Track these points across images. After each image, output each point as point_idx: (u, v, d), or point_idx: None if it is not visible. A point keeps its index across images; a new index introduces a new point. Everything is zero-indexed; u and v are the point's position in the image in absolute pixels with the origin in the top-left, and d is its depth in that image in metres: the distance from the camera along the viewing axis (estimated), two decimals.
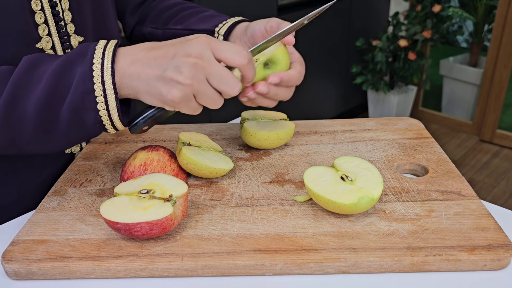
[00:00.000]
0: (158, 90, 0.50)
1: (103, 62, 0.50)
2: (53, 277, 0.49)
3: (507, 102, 2.93)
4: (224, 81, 0.50)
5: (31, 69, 0.51)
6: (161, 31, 0.80)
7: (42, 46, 0.62)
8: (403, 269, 0.48)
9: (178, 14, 0.79)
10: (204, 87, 0.50)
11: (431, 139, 0.72)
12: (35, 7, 0.59)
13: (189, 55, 0.49)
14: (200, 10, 0.79)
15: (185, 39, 0.51)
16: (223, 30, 0.71)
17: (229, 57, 0.51)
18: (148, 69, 0.50)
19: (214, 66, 0.50)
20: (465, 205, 0.56)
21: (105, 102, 0.50)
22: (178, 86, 0.49)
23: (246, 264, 0.48)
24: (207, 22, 0.75)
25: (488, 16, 2.65)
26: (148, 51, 0.51)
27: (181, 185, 0.53)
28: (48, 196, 0.61)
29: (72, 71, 0.50)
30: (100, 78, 0.49)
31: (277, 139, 0.68)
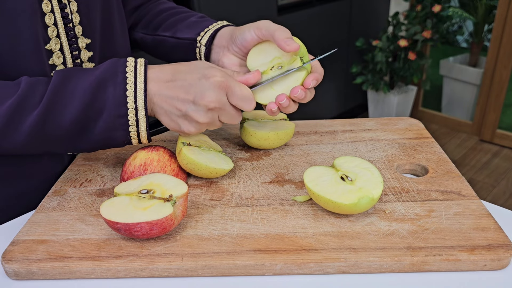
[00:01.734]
0: (177, 123, 0.58)
1: (136, 88, 0.55)
2: (53, 277, 0.49)
3: (507, 102, 2.93)
4: (232, 119, 0.59)
5: (63, 85, 0.54)
6: (150, 37, 0.80)
7: (51, 47, 0.62)
8: (403, 269, 0.48)
9: (167, 19, 0.78)
10: (216, 122, 0.59)
11: (431, 139, 0.72)
12: (45, 8, 0.60)
13: (207, 99, 0.55)
14: (188, 16, 0.77)
15: (203, 75, 0.56)
16: (204, 40, 0.70)
17: (239, 105, 0.58)
18: (171, 103, 0.56)
19: (227, 108, 0.57)
20: (465, 205, 0.56)
21: (136, 125, 0.56)
22: (196, 125, 0.57)
23: (246, 264, 0.48)
24: (192, 29, 0.74)
25: (488, 16, 2.65)
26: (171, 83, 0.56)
27: (181, 185, 0.53)
28: (48, 196, 0.61)
29: (105, 92, 0.54)
30: (134, 104, 0.55)
31: (277, 139, 0.68)
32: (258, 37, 0.64)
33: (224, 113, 0.58)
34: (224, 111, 0.57)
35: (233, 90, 0.57)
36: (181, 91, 0.56)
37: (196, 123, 0.57)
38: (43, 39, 0.61)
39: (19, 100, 0.53)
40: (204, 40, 0.71)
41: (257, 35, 0.64)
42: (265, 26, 0.63)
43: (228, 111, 0.58)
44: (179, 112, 0.56)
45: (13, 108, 0.52)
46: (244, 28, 0.66)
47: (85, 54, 0.67)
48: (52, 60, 0.63)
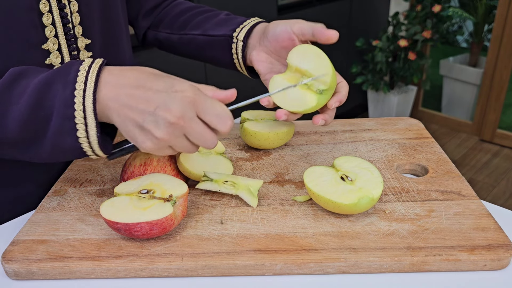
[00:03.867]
0: (134, 135, 0.49)
1: (85, 89, 0.48)
2: (53, 277, 0.49)
3: (507, 102, 2.93)
4: (202, 139, 0.50)
5: (14, 81, 0.50)
6: (177, 36, 0.79)
7: (48, 47, 0.62)
8: (403, 269, 0.48)
9: (194, 18, 0.78)
10: (180, 141, 0.50)
11: (431, 139, 0.72)
12: (43, 8, 0.59)
13: (171, 112, 0.47)
14: (216, 14, 0.78)
15: (171, 87, 0.49)
16: (242, 35, 0.70)
17: (213, 122, 0.50)
18: (128, 111, 0.48)
19: (194, 125, 0.49)
20: (465, 205, 0.56)
21: (85, 130, 0.49)
22: (153, 140, 0.49)
23: (246, 264, 0.48)
24: (224, 26, 0.73)
25: (488, 16, 2.65)
26: (132, 89, 0.49)
27: (181, 185, 0.53)
28: (48, 196, 0.61)
29: (54, 90, 0.49)
30: (82, 106, 0.48)
31: (277, 139, 0.68)
32: (292, 30, 0.63)
33: (191, 131, 0.49)
34: (191, 129, 0.49)
35: (205, 105, 0.49)
36: (142, 100, 0.48)
37: (152, 136, 0.48)
38: (40, 39, 0.60)
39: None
40: (242, 35, 0.70)
41: (292, 28, 0.63)
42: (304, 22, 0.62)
43: (196, 129, 0.49)
44: (135, 123, 0.48)
45: None
46: (278, 22, 0.66)
47: (84, 54, 0.67)
48: (49, 60, 0.62)
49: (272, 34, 0.65)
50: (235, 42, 0.71)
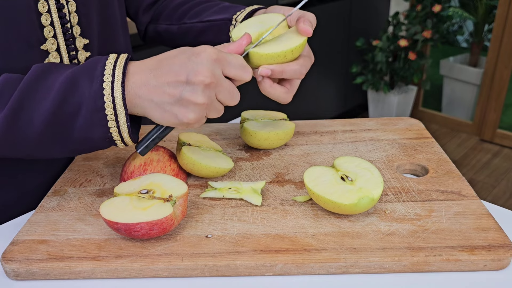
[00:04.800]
0: (173, 113, 0.50)
1: (113, 80, 0.50)
2: (53, 277, 0.49)
3: (508, 102, 2.93)
4: (230, 96, 0.52)
5: (40, 79, 0.51)
6: (176, 26, 0.79)
7: (47, 48, 0.61)
8: (403, 269, 0.48)
9: (193, 8, 0.78)
10: (215, 104, 0.52)
11: (431, 139, 0.72)
12: (41, 8, 0.59)
13: (202, 74, 0.49)
14: (216, 3, 0.78)
15: (191, 53, 0.50)
16: (241, 17, 0.70)
17: (237, 75, 0.52)
18: (162, 90, 0.49)
19: (223, 82, 0.51)
20: (465, 205, 0.55)
21: (115, 120, 0.50)
22: (195, 109, 0.50)
23: (246, 264, 0.48)
24: (225, 12, 0.74)
25: (488, 16, 2.65)
26: (157, 70, 0.50)
27: (181, 185, 0.53)
28: (48, 196, 0.61)
29: (82, 86, 0.50)
30: (111, 97, 0.49)
31: (277, 139, 0.68)
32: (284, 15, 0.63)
33: (221, 89, 0.51)
34: (222, 86, 0.51)
35: (228, 60, 0.51)
36: (171, 75, 0.49)
37: (194, 105, 0.49)
38: (38, 40, 0.60)
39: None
40: (241, 17, 0.70)
41: (285, 13, 0.63)
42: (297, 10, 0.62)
43: (225, 86, 0.51)
44: (173, 98, 0.49)
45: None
46: (275, 6, 0.66)
47: (83, 54, 0.67)
48: (48, 60, 0.62)
49: None
50: (234, 24, 0.71)
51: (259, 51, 0.57)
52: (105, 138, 0.52)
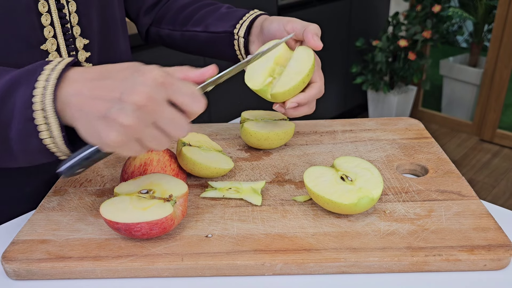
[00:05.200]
0: (97, 129, 0.43)
1: (46, 86, 0.44)
2: (53, 277, 0.49)
3: (507, 102, 2.93)
4: (173, 125, 0.44)
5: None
6: (179, 32, 0.79)
7: (47, 48, 0.61)
8: (403, 269, 0.48)
9: (195, 14, 0.78)
10: (148, 131, 0.44)
11: (431, 139, 0.72)
12: (41, 8, 0.59)
13: (138, 94, 0.42)
14: (217, 7, 0.77)
15: (137, 70, 0.44)
16: (242, 31, 0.70)
17: (185, 103, 0.45)
18: (90, 103, 0.43)
19: (164, 109, 0.44)
20: (465, 205, 0.56)
21: (49, 130, 0.45)
22: (119, 129, 0.42)
23: (246, 264, 0.48)
24: (224, 21, 0.73)
25: (488, 16, 2.65)
26: (97, 81, 0.45)
27: (181, 185, 0.53)
28: (48, 196, 0.61)
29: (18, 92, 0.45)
30: (42, 105, 0.44)
31: (277, 139, 0.68)
32: (285, 30, 0.64)
33: (161, 116, 0.43)
34: (162, 113, 0.43)
35: (176, 86, 0.44)
36: (106, 89, 0.44)
37: (119, 126, 0.42)
38: (38, 40, 0.60)
39: None
40: (242, 31, 0.70)
41: (285, 28, 0.63)
42: (298, 21, 0.63)
43: (166, 113, 0.44)
44: (99, 113, 0.43)
45: None
46: (273, 19, 0.66)
47: (83, 54, 0.67)
48: None
49: (267, 31, 0.66)
50: (236, 38, 0.71)
51: (280, 89, 0.58)
52: (42, 150, 0.47)
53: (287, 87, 0.58)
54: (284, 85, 0.58)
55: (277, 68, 0.62)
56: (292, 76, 0.59)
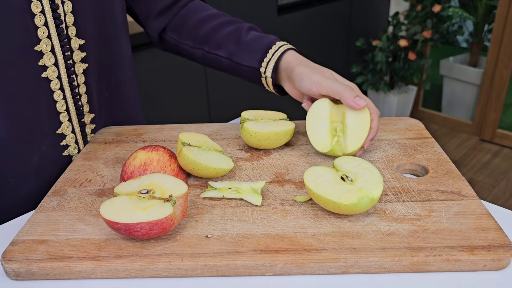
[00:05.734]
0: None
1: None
2: (53, 277, 0.49)
3: (508, 102, 2.93)
4: None
5: None
6: (200, 51, 0.79)
7: (41, 48, 0.61)
8: (403, 269, 0.48)
9: (216, 34, 0.77)
10: None
11: (431, 139, 0.72)
12: (35, 9, 0.59)
13: None
14: (237, 30, 0.77)
15: None
16: (269, 71, 0.72)
17: None
18: None
19: None
20: (465, 205, 0.55)
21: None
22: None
23: (246, 264, 0.48)
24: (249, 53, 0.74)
25: (488, 16, 2.65)
26: None
27: (181, 185, 0.53)
28: (48, 196, 0.61)
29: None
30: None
31: (277, 139, 0.68)
32: (319, 92, 0.66)
33: None
34: None
35: None
36: None
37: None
38: (32, 41, 0.60)
39: None
40: (269, 72, 0.72)
41: (318, 90, 0.66)
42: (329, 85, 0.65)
43: None
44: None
45: None
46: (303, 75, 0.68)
47: (78, 55, 0.67)
48: (43, 61, 0.62)
49: (298, 87, 0.69)
50: (264, 77, 0.73)
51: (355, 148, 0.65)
52: None
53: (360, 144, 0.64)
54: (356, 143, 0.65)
55: (335, 126, 0.66)
56: (359, 133, 0.65)
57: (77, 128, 0.71)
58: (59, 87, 0.66)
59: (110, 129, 0.78)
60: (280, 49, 0.72)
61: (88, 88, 0.71)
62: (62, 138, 0.69)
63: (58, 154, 0.69)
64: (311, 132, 0.67)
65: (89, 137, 0.74)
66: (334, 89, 0.64)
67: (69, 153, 0.71)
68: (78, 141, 0.72)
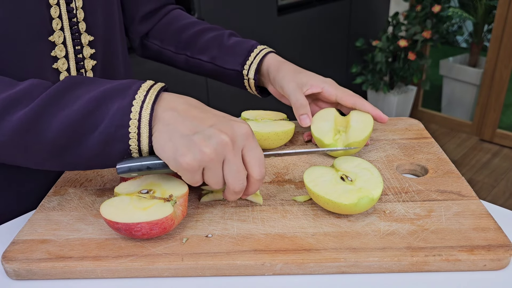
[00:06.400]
0: (175, 147, 0.47)
1: (144, 100, 0.49)
2: (53, 277, 0.49)
3: (507, 102, 2.94)
4: (237, 174, 0.49)
5: (70, 89, 0.50)
6: (183, 56, 0.80)
7: (55, 39, 0.63)
8: (403, 269, 0.48)
9: (198, 39, 0.79)
10: (216, 168, 0.48)
11: (431, 139, 0.72)
12: (52, 1, 0.61)
13: (225, 133, 0.47)
14: (219, 36, 0.79)
15: (230, 118, 0.51)
16: (252, 73, 0.74)
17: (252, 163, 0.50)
18: (181, 122, 0.48)
19: (238, 156, 0.49)
20: (465, 205, 0.56)
21: (137, 139, 0.49)
22: (196, 155, 0.47)
23: (246, 264, 0.48)
24: (231, 56, 0.76)
25: (488, 16, 2.65)
26: (190, 107, 0.50)
27: (181, 185, 0.53)
28: (48, 196, 0.61)
29: (112, 102, 0.49)
30: (138, 115, 0.49)
31: (277, 139, 0.68)
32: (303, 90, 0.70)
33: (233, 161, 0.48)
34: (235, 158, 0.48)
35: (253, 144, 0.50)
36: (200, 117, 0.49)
37: (198, 151, 0.46)
38: (47, 31, 0.61)
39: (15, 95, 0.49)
40: (252, 73, 0.74)
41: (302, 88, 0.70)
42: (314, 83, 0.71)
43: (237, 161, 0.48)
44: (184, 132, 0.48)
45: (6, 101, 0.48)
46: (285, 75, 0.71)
47: (87, 50, 0.67)
48: (54, 52, 0.63)
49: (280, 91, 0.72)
50: (247, 79, 0.75)
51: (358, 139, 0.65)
52: (124, 154, 0.50)
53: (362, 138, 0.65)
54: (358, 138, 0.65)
55: (339, 129, 0.68)
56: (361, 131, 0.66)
57: None
58: None
59: None
60: (261, 52, 0.75)
61: None
62: None
63: None
64: (316, 129, 0.68)
65: None
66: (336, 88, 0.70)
67: None
68: None
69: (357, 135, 0.65)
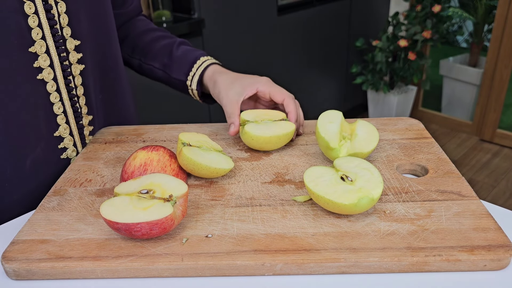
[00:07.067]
0: None
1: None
2: (53, 277, 0.49)
3: (507, 102, 2.94)
4: None
5: None
6: (137, 61, 0.85)
7: (36, 50, 0.61)
8: (403, 269, 0.48)
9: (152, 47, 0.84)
10: None
11: (431, 139, 0.72)
12: (28, 10, 0.58)
13: None
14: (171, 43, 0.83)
15: None
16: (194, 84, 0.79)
17: None
18: None
19: None
20: (465, 205, 0.56)
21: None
22: None
23: (246, 264, 0.48)
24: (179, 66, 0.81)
25: (488, 16, 2.65)
26: None
27: (181, 185, 0.53)
28: (48, 196, 0.61)
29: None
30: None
31: (278, 141, 0.68)
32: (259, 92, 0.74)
33: None
34: None
35: None
36: None
37: None
38: (27, 42, 0.59)
39: None
40: (194, 84, 0.79)
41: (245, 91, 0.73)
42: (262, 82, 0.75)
43: None
44: None
45: None
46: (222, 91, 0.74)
47: (74, 56, 0.66)
48: (38, 63, 0.61)
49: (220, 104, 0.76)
50: (191, 89, 0.80)
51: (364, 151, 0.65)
52: None
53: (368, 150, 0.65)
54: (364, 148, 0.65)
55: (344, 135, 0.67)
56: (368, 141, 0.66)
57: (75, 131, 0.70)
58: (55, 89, 0.65)
59: (110, 129, 0.78)
60: (203, 64, 0.79)
61: (86, 90, 0.71)
62: (59, 140, 0.68)
63: (56, 157, 0.69)
64: (323, 129, 0.67)
65: (87, 139, 0.74)
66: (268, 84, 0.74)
67: (67, 156, 0.70)
68: (76, 143, 0.71)
69: (363, 146, 0.64)
